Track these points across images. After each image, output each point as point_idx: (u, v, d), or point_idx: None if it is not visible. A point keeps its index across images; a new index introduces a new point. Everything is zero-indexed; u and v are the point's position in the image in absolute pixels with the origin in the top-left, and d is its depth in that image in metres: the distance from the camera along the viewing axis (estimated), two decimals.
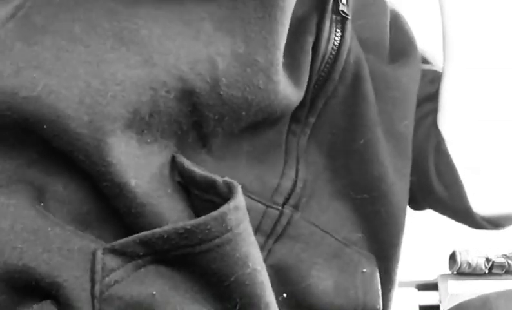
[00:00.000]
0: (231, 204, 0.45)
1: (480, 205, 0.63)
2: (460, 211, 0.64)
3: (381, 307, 0.59)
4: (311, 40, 0.55)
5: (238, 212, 0.45)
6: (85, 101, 0.45)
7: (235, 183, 0.47)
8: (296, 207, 0.57)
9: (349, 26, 0.58)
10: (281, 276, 0.52)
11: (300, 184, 0.57)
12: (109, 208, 0.46)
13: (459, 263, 1.38)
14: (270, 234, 0.55)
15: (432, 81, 0.68)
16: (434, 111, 0.66)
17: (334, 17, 0.57)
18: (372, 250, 0.60)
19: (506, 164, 0.63)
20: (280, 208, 0.55)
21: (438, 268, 1.43)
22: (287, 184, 0.56)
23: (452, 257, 1.41)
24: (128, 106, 0.46)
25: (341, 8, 0.57)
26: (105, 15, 0.47)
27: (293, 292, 0.55)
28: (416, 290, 1.41)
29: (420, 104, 0.66)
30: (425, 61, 0.71)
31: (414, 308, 1.39)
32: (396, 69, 0.64)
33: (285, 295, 0.54)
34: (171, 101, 0.47)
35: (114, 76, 0.46)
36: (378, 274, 0.59)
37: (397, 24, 0.68)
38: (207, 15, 0.49)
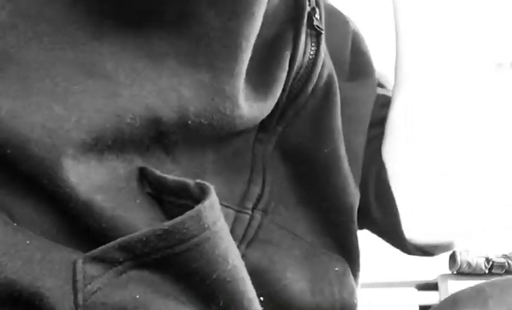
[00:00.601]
0: (206, 203, 0.44)
1: (412, 234, 0.65)
2: (393, 236, 0.67)
3: (358, 302, 0.60)
4: (288, 54, 0.56)
5: (213, 210, 0.45)
6: (47, 125, 0.44)
7: (207, 184, 0.47)
8: (265, 211, 0.57)
9: (323, 40, 0.58)
10: (257, 280, 0.52)
11: (267, 189, 0.58)
12: (80, 227, 0.46)
13: (459, 263, 1.38)
14: (242, 238, 0.56)
15: (382, 106, 0.69)
16: (380, 136, 0.67)
17: (309, 31, 0.58)
18: (338, 253, 0.61)
19: (443, 195, 0.65)
20: (250, 212, 0.56)
21: (438, 268, 1.43)
22: (255, 189, 0.57)
23: (452, 257, 1.41)
24: (91, 132, 0.45)
25: (315, 22, 0.57)
26: (71, 46, 0.47)
27: (269, 295, 0.55)
28: (416, 290, 1.41)
29: (369, 127, 0.67)
30: (379, 84, 0.72)
31: (414, 308, 1.39)
32: (354, 87, 0.65)
33: (262, 298, 0.54)
34: (137, 128, 0.47)
35: (79, 104, 0.45)
36: (350, 272, 0.61)
37: (356, 43, 0.69)
38: (171, 49, 0.48)
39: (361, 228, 0.69)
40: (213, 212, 0.45)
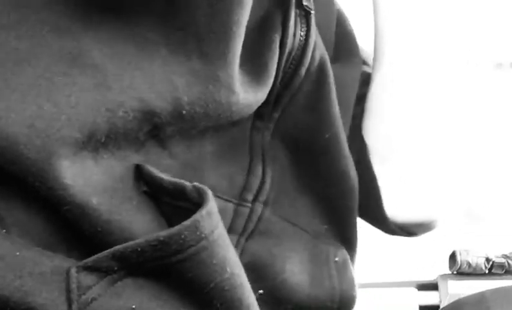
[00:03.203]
0: (203, 211, 0.43)
1: (394, 212, 0.65)
2: (375, 216, 0.66)
3: (357, 294, 0.59)
4: (277, 37, 0.54)
5: (211, 218, 0.44)
6: (36, 125, 0.42)
7: (205, 188, 0.46)
8: (265, 203, 0.56)
9: (313, 20, 0.57)
10: (256, 273, 0.52)
11: (268, 180, 0.57)
12: (74, 231, 0.44)
13: (459, 263, 1.38)
14: (242, 232, 0.55)
15: (364, 83, 0.68)
16: (362, 114, 0.66)
17: (298, 11, 0.56)
18: (338, 241, 0.61)
19: (425, 173, 0.64)
20: (249, 205, 0.55)
21: (438, 268, 1.43)
22: (254, 180, 0.56)
23: (452, 257, 1.40)
24: (82, 129, 0.43)
25: (304, 2, 0.56)
26: (54, 34, 0.44)
27: (269, 288, 0.55)
28: (416, 290, 1.41)
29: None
30: (364, 62, 0.70)
31: (414, 308, 1.39)
32: (339, 68, 0.64)
33: (261, 292, 0.54)
34: (131, 122, 0.45)
35: (68, 99, 0.43)
36: (350, 262, 0.60)
37: (341, 23, 0.67)
38: (160, 39, 0.47)
39: None
40: (211, 220, 0.44)
